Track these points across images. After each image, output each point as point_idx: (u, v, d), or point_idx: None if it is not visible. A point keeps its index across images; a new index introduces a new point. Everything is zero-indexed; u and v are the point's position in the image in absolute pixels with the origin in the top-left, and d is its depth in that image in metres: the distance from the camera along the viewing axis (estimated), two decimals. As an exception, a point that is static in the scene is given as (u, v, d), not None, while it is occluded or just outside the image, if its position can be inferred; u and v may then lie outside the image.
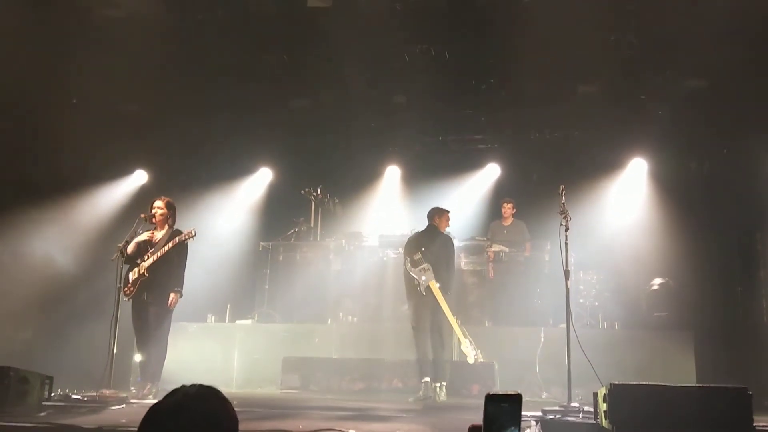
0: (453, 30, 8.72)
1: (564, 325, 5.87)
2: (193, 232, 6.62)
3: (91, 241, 9.39)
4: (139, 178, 10.74)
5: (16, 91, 8.36)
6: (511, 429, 2.16)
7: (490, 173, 11.03)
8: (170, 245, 6.59)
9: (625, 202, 10.22)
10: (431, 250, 7.34)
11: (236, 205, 11.09)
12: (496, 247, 9.41)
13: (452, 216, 7.84)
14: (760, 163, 9.25)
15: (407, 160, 11.16)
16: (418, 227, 7.92)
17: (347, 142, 11.00)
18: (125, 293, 6.64)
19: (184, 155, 10.86)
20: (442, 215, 7.61)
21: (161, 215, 6.76)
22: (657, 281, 8.99)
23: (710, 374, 7.68)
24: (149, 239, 6.76)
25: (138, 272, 6.65)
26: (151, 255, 6.63)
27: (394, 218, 10.40)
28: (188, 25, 8.61)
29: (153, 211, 6.75)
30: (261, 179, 11.38)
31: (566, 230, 5.88)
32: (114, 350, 6.50)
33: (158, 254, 6.59)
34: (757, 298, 9.33)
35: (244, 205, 11.21)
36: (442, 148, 11.11)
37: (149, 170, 10.76)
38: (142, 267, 6.64)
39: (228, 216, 10.79)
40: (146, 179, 10.76)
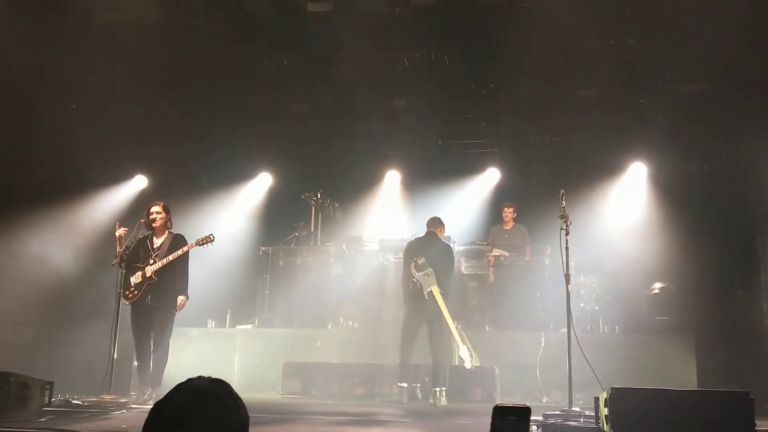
0: (453, 35, 8.74)
1: (565, 330, 5.86)
2: (212, 236, 6.63)
3: (91, 246, 9.39)
4: (139, 182, 10.75)
5: (17, 95, 8.37)
6: None
7: (491, 177, 10.99)
8: (184, 249, 6.58)
9: (625, 206, 10.19)
10: (431, 256, 7.35)
11: (236, 210, 11.06)
12: (496, 252, 9.40)
13: (452, 220, 7.88)
14: (760, 167, 9.25)
15: (407, 164, 11.14)
16: (419, 232, 7.95)
17: (347, 147, 10.97)
18: (127, 297, 6.57)
19: (184, 160, 10.85)
20: (440, 225, 7.69)
21: (161, 220, 6.75)
22: (658, 285, 8.97)
23: (711, 378, 7.66)
24: (148, 243, 6.74)
25: (143, 276, 6.58)
26: (157, 259, 6.59)
27: (394, 223, 10.36)
28: (189, 30, 8.64)
29: (152, 217, 6.72)
30: (261, 184, 11.35)
31: (567, 234, 5.87)
32: (114, 355, 6.48)
33: (169, 258, 6.54)
34: (757, 301, 9.32)
35: (244, 210, 11.19)
36: (443, 152, 11.09)
37: (149, 175, 10.76)
38: (149, 270, 6.58)
39: (228, 221, 10.74)
40: (146, 184, 10.76)
